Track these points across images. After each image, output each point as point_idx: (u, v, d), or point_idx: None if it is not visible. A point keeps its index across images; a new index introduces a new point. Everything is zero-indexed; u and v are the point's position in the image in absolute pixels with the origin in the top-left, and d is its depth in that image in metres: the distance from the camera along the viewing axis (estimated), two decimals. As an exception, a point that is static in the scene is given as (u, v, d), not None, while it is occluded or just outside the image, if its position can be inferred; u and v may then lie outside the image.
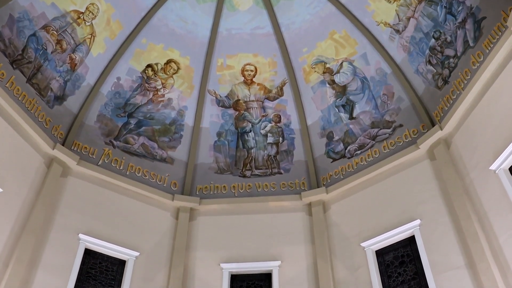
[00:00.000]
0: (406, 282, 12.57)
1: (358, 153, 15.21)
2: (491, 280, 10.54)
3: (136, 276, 13.52)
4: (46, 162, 13.41)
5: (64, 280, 12.34)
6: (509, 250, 10.50)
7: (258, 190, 15.85)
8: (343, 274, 13.57)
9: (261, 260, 14.38)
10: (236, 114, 16.74)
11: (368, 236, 13.61)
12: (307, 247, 14.45)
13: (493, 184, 11.25)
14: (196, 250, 14.65)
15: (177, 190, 15.67)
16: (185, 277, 13.99)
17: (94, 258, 13.40)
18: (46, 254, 12.38)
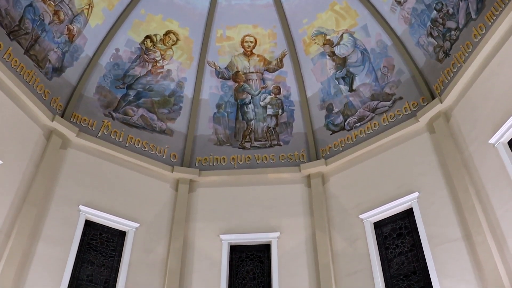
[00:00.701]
0: (403, 254, 12.72)
1: (358, 126, 15.20)
2: (487, 253, 10.65)
3: (136, 247, 13.66)
4: (45, 134, 13.42)
5: (65, 251, 12.49)
6: (505, 223, 10.59)
7: (258, 162, 15.89)
8: (341, 246, 13.71)
9: (260, 232, 14.50)
10: (236, 85, 16.65)
11: (366, 208, 13.71)
12: (306, 219, 14.56)
13: (491, 157, 11.28)
14: (195, 222, 14.77)
15: (177, 161, 15.71)
16: (185, 248, 14.14)
17: (94, 229, 13.52)
18: (47, 226, 12.50)
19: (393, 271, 12.65)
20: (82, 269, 12.79)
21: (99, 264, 13.13)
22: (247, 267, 14.32)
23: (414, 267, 12.35)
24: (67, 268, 12.29)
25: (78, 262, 12.76)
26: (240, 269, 14.29)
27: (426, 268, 11.95)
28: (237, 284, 13.97)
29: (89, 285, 12.68)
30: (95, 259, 13.14)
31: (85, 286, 12.62)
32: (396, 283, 12.43)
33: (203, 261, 14.04)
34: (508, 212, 10.56)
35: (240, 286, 13.94)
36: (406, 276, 12.38)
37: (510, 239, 10.39)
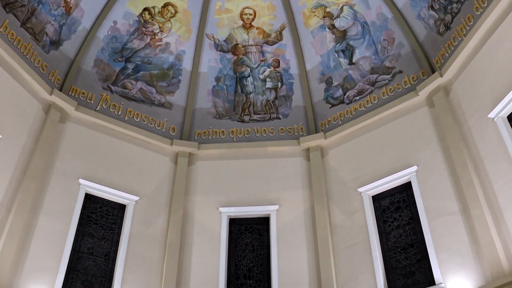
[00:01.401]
0: (401, 227, 12.83)
1: (357, 99, 15.16)
2: (484, 226, 10.76)
3: (136, 220, 13.76)
4: (44, 108, 13.39)
5: (66, 224, 12.59)
6: (502, 197, 10.66)
7: (257, 135, 15.89)
8: (339, 219, 13.82)
9: (259, 205, 14.60)
10: (235, 58, 16.51)
11: (365, 182, 13.77)
12: (305, 192, 14.64)
13: (490, 132, 11.30)
14: (195, 195, 14.84)
15: (176, 135, 15.71)
16: (185, 221, 14.24)
17: (94, 203, 13.61)
18: (48, 199, 12.57)
19: (391, 244, 12.78)
20: (83, 242, 12.91)
21: (100, 237, 13.25)
22: (246, 240, 14.46)
23: (411, 240, 12.47)
24: (68, 241, 12.42)
25: (79, 235, 12.88)
26: (239, 241, 14.43)
27: (423, 241, 12.09)
28: (237, 256, 14.12)
29: (90, 258, 12.82)
30: (96, 232, 13.26)
31: (86, 258, 12.76)
32: (393, 256, 12.57)
33: (202, 233, 14.15)
34: (506, 186, 10.63)
35: (239, 258, 14.09)
36: (403, 248, 12.52)
37: (507, 212, 10.48)
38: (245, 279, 13.78)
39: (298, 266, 13.40)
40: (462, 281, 10.85)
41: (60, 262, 12.05)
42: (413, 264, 12.16)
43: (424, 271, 11.87)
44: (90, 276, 12.60)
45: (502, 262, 10.16)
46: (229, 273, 13.75)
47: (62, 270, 12.00)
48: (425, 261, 11.90)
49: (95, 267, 12.79)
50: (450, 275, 11.13)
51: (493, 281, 10.09)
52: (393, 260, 12.53)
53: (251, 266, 13.99)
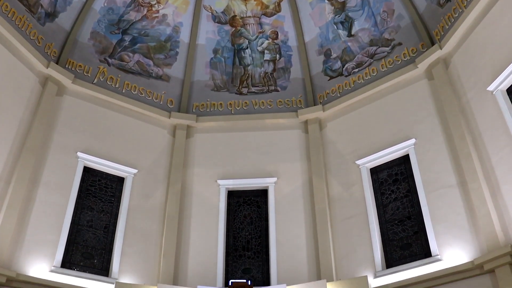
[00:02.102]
0: (398, 199, 12.90)
1: (356, 71, 15.06)
2: (481, 199, 10.84)
3: (134, 192, 13.82)
4: (40, 81, 13.31)
5: (65, 197, 12.65)
6: (500, 170, 10.71)
7: (255, 107, 15.84)
8: (337, 191, 13.88)
9: (257, 177, 14.65)
10: (233, 30, 16.30)
11: (363, 154, 13.80)
12: (303, 164, 14.67)
13: (489, 105, 11.27)
14: (193, 167, 14.87)
15: (174, 107, 15.65)
16: (183, 193, 14.31)
17: (93, 176, 13.64)
18: (46, 173, 12.60)
19: (388, 216, 12.87)
20: (82, 215, 12.99)
21: (99, 210, 13.32)
22: (244, 212, 14.55)
23: (408, 212, 12.57)
24: (67, 214, 12.50)
25: (78, 208, 12.95)
26: (237, 213, 14.52)
27: (420, 214, 12.19)
28: (235, 228, 14.23)
29: (89, 230, 12.92)
30: (95, 204, 13.32)
31: (86, 231, 12.85)
32: (390, 228, 12.68)
33: (201, 206, 14.23)
34: (503, 159, 10.66)
35: (237, 231, 14.21)
36: (400, 221, 12.62)
37: (504, 186, 10.54)
38: (243, 251, 13.92)
39: (296, 238, 13.51)
40: (458, 253, 10.98)
41: (60, 234, 12.15)
42: (410, 236, 12.28)
43: (420, 243, 12.00)
44: (90, 248, 12.72)
45: (498, 234, 10.27)
46: (227, 244, 13.88)
47: (62, 243, 12.11)
48: (422, 233, 12.02)
49: (95, 239, 12.90)
50: (446, 247, 11.25)
51: (489, 253, 10.22)
52: (390, 232, 12.65)
53: (250, 238, 14.11)
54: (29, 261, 11.41)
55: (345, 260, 12.82)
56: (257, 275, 13.47)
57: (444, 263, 11.07)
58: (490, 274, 10.25)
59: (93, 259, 12.63)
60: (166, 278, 12.65)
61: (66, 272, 11.80)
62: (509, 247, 9.81)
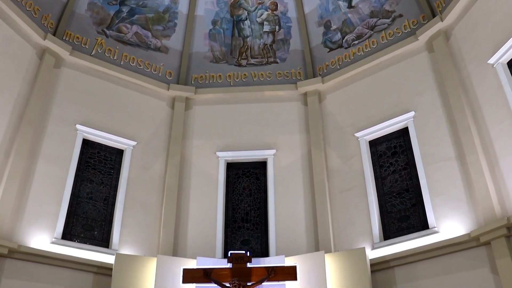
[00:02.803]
0: (397, 172, 12.96)
1: (356, 43, 14.93)
2: (479, 172, 10.88)
3: (134, 164, 13.85)
4: (38, 53, 13.19)
5: (64, 170, 12.68)
6: (499, 144, 10.73)
7: (254, 79, 15.76)
8: (336, 163, 13.92)
9: (256, 149, 14.66)
10: (232, 1, 15.99)
11: (362, 127, 13.79)
12: (302, 136, 14.68)
13: (489, 78, 11.23)
14: (192, 139, 14.88)
15: (172, 79, 15.56)
16: (182, 165, 14.34)
17: (92, 148, 13.65)
18: (45, 145, 12.60)
19: (387, 189, 12.95)
20: (82, 187, 13.05)
21: (98, 182, 13.37)
22: (243, 184, 14.62)
23: (407, 185, 12.64)
24: (67, 186, 12.54)
25: (78, 180, 13.00)
26: (236, 185, 14.59)
27: (418, 186, 12.25)
28: (234, 200, 14.32)
29: (89, 202, 12.99)
30: (94, 177, 13.37)
31: (86, 203, 12.93)
32: (388, 200, 12.76)
33: (200, 178, 14.28)
34: (502, 133, 10.67)
35: (236, 202, 14.30)
36: (399, 193, 12.70)
37: (502, 159, 10.58)
38: (242, 223, 14.03)
39: (295, 210, 13.60)
40: (454, 225, 11.08)
41: (60, 206, 12.22)
42: (408, 209, 12.37)
43: (418, 215, 12.10)
44: (90, 220, 12.81)
45: (495, 207, 10.35)
46: (226, 216, 13.97)
47: (62, 215, 12.19)
48: (420, 206, 12.11)
49: (95, 211, 12.98)
50: (443, 219, 11.35)
51: (485, 225, 10.31)
52: (389, 204, 12.74)
53: (248, 210, 14.21)
54: (30, 233, 11.51)
55: (343, 231, 12.93)
56: (256, 247, 13.61)
57: (441, 235, 11.18)
58: (486, 246, 10.36)
59: (93, 230, 12.74)
60: (165, 249, 12.78)
61: (67, 244, 11.90)
62: (505, 219, 9.90)
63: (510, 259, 9.73)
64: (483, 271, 10.27)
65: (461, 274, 10.56)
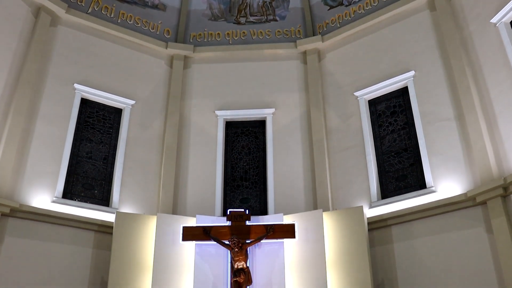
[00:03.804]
0: (396, 132, 12.97)
1: (356, 1, 14.64)
2: (478, 133, 10.90)
3: (132, 123, 13.83)
4: (33, 12, 12.95)
5: (63, 129, 12.67)
6: (498, 104, 10.72)
7: (253, 37, 15.57)
8: (335, 122, 13.92)
9: (255, 108, 14.62)
10: (230, -43, 15.74)
11: (361, 86, 13.72)
12: (301, 95, 14.62)
13: (491, 37, 11.13)
14: (191, 98, 14.82)
15: (171, 37, 15.37)
16: (181, 124, 14.33)
17: (90, 107, 13.60)
18: (43, 105, 12.55)
19: (385, 148, 12.99)
20: (81, 146, 13.08)
21: (97, 141, 13.39)
22: (242, 142, 14.65)
23: (405, 145, 12.68)
24: (66, 146, 12.56)
25: (77, 140, 13.01)
26: (235, 144, 14.63)
27: (417, 146, 12.30)
28: (233, 159, 14.38)
29: (89, 162, 13.05)
30: (93, 136, 13.38)
31: (85, 162, 12.98)
32: (387, 160, 12.83)
33: (199, 136, 14.29)
34: (502, 93, 10.65)
35: (235, 161, 14.36)
36: (397, 153, 12.75)
37: (501, 119, 10.60)
38: (241, 181, 14.14)
39: (293, 169, 13.67)
40: (452, 185, 11.19)
41: (60, 166, 12.27)
42: (406, 168, 12.45)
43: (416, 175, 12.18)
44: (90, 179, 12.89)
45: (492, 167, 10.42)
46: (225, 175, 14.06)
47: (62, 174, 12.25)
48: (418, 165, 12.18)
49: (95, 170, 13.05)
50: (441, 179, 11.44)
51: (482, 185, 10.40)
52: (387, 164, 12.81)
53: (247, 168, 14.29)
54: (31, 192, 11.61)
55: (341, 190, 13.04)
56: (254, 205, 13.76)
57: (438, 194, 11.30)
58: (482, 206, 10.50)
59: (93, 189, 12.84)
60: (165, 207, 12.90)
61: (67, 203, 12.02)
62: (502, 180, 10.00)
63: (505, 218, 9.87)
64: (478, 230, 10.43)
65: (457, 233, 10.73)
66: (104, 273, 11.46)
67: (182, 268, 11.33)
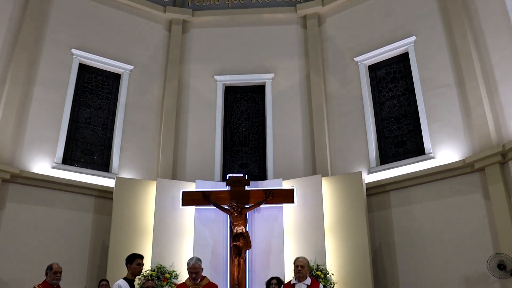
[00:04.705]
0: (395, 98, 12.93)
1: (357, -36, 14.40)
2: (477, 99, 10.86)
3: (131, 89, 13.76)
4: (28, -25, 12.77)
5: (61, 95, 12.62)
6: (499, 71, 10.64)
7: (253, 1, 15.33)
8: (335, 88, 13.85)
9: (254, 73, 14.53)
10: None
11: (362, 51, 13.59)
12: (301, 60, 14.49)
13: (495, 2, 10.96)
14: (190, 63, 14.69)
15: (169, 1, 15.11)
16: (180, 90, 14.25)
17: (89, 73, 13.52)
18: (41, 70, 12.45)
19: (385, 114, 12.98)
20: (80, 112, 13.05)
21: (96, 107, 13.36)
22: (241, 108, 14.62)
23: (405, 111, 12.66)
24: (65, 111, 12.53)
25: (75, 105, 12.97)
26: (235, 109, 14.60)
27: (416, 112, 12.28)
28: (232, 124, 14.38)
29: (88, 127, 13.05)
30: (92, 101, 13.34)
31: (84, 128, 12.99)
32: (386, 126, 12.83)
33: (198, 102, 14.24)
34: (504, 59, 10.56)
35: (235, 126, 14.36)
36: (396, 119, 12.75)
37: (501, 86, 10.54)
38: (240, 146, 14.17)
39: (293, 134, 13.68)
40: (450, 152, 11.21)
41: (59, 132, 12.28)
42: (405, 134, 12.46)
43: (415, 141, 12.21)
44: (89, 144, 12.92)
45: (491, 134, 10.42)
46: (225, 140, 14.10)
47: (62, 140, 12.27)
48: (417, 132, 12.19)
49: (94, 136, 13.07)
50: (440, 145, 11.46)
51: (480, 152, 10.43)
52: (386, 129, 12.81)
53: (247, 134, 14.30)
54: (30, 158, 11.65)
55: (340, 156, 13.08)
56: (254, 170, 13.82)
57: (437, 160, 11.34)
58: (480, 173, 10.54)
59: (93, 155, 12.88)
60: (165, 173, 12.96)
61: (67, 168, 12.08)
62: (500, 146, 10.02)
63: (502, 185, 9.94)
64: (475, 196, 10.52)
65: (454, 198, 10.82)
66: (105, 238, 11.61)
67: (182, 233, 11.48)
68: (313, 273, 10.27)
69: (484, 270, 9.64)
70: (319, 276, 10.29)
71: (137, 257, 6.19)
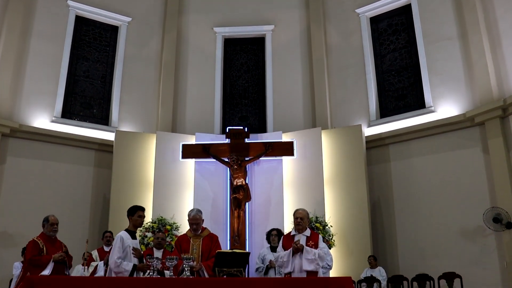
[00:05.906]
0: (397, 50, 12.79)
1: None
2: (480, 53, 10.74)
3: (129, 41, 13.57)
4: None
5: (59, 48, 12.47)
6: (504, 23, 10.48)
7: (253, -50, 14.91)
8: (335, 40, 13.66)
9: (254, 24, 14.26)
10: None
11: (363, 2, 13.34)
12: (301, 12, 14.21)
13: (501, -48, 10.70)
14: (188, 14, 14.41)
15: (166, -51, 14.71)
16: (179, 42, 14.04)
17: (86, 25, 13.30)
18: (37, 23, 12.26)
19: (386, 67, 12.87)
20: (78, 65, 12.93)
21: (94, 60, 13.21)
22: (241, 60, 14.46)
23: (406, 64, 12.55)
24: (63, 64, 12.41)
25: (73, 58, 12.83)
26: (234, 61, 14.44)
27: (417, 65, 12.17)
28: (232, 77, 14.25)
29: (87, 80, 12.95)
30: (90, 55, 13.18)
31: (83, 81, 12.89)
32: (387, 79, 12.74)
33: (197, 54, 14.06)
34: (508, 12, 10.41)
35: (234, 79, 14.24)
36: (397, 71, 12.64)
37: (505, 39, 10.41)
38: (240, 99, 14.10)
39: (293, 87, 13.58)
40: (451, 105, 11.18)
41: (57, 85, 12.20)
42: (406, 87, 12.39)
43: (416, 94, 12.15)
44: (88, 98, 12.86)
45: (493, 88, 10.37)
46: (224, 92, 14.01)
47: (60, 93, 12.21)
48: (418, 85, 12.12)
49: (92, 89, 12.98)
50: (440, 99, 11.42)
51: (481, 106, 10.43)
52: (386, 82, 12.73)
53: (246, 86, 14.20)
54: (30, 112, 11.62)
55: (340, 109, 13.04)
56: (253, 122, 13.81)
57: (437, 114, 11.34)
58: (480, 127, 10.58)
59: (92, 108, 12.84)
60: (164, 126, 12.95)
61: (67, 122, 12.09)
62: (501, 101, 10.00)
63: (502, 139, 9.98)
64: (475, 150, 10.58)
65: (454, 152, 10.88)
66: (106, 191, 11.72)
67: (182, 185, 11.58)
68: (312, 225, 10.41)
69: (480, 223, 9.80)
70: (318, 228, 10.44)
71: (139, 209, 6.25)
